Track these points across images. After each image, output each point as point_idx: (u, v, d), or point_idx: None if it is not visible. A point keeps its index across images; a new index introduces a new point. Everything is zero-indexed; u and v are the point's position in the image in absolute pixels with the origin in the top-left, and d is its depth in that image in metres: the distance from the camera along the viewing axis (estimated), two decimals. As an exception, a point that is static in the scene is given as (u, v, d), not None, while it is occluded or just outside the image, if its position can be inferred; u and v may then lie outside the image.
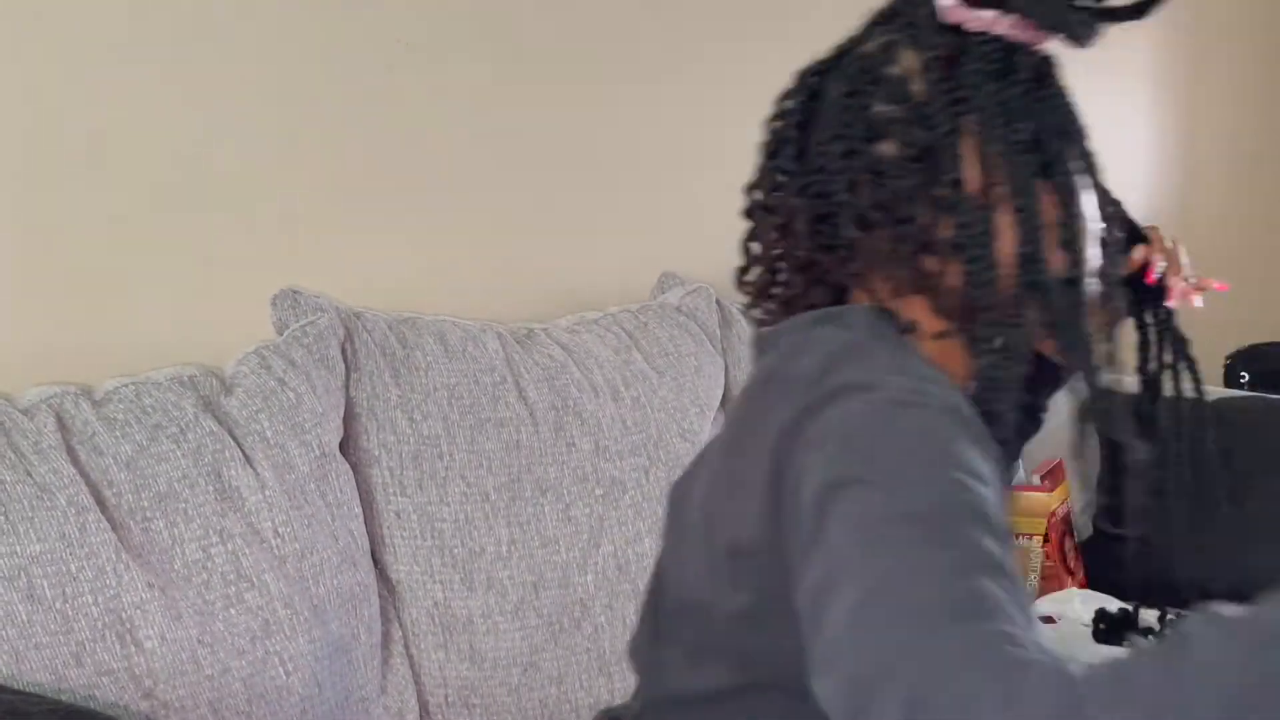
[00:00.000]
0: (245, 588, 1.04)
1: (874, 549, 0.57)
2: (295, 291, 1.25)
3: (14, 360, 1.16)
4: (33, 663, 0.93)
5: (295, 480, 1.11)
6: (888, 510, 0.58)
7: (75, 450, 1.02)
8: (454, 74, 1.45)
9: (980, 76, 0.71)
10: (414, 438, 1.22)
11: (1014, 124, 0.72)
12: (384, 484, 1.20)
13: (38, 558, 0.95)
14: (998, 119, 0.71)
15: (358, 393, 1.22)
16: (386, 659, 1.16)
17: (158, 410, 1.08)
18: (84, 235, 1.21)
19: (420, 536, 1.20)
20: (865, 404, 0.64)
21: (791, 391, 0.68)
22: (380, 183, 1.41)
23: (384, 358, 1.24)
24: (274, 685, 1.04)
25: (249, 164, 1.31)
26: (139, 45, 1.23)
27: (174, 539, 1.03)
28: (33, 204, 1.18)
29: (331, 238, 1.38)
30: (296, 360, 1.16)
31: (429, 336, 1.27)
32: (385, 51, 1.41)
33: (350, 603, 1.12)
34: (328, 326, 1.21)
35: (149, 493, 1.03)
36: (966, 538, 0.57)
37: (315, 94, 1.35)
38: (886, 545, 0.57)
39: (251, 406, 1.12)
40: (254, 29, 1.30)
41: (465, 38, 1.45)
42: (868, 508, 0.59)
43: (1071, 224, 0.73)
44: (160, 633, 0.98)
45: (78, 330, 1.21)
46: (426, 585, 1.20)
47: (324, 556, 1.11)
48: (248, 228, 1.32)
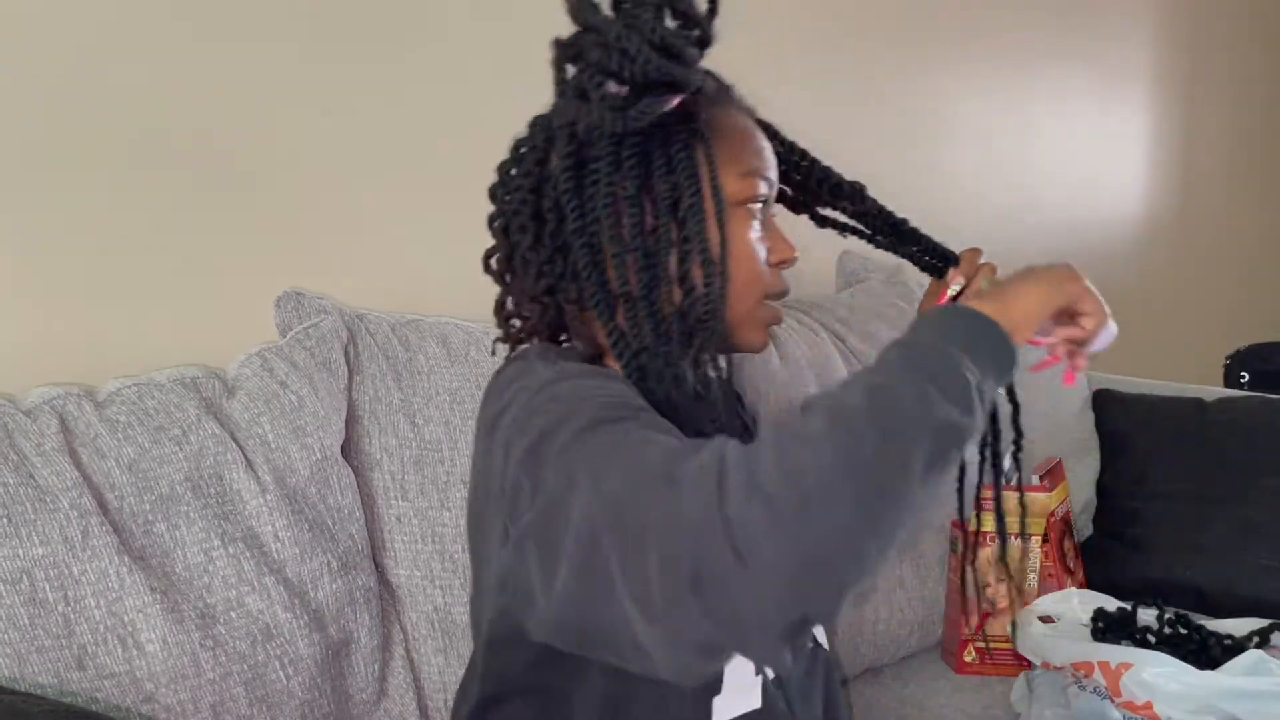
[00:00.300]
0: (246, 591, 1.05)
1: (570, 470, 0.67)
2: (299, 293, 1.25)
3: (17, 361, 1.16)
4: (35, 666, 0.93)
5: (296, 484, 1.11)
6: (568, 441, 0.69)
7: (78, 453, 1.02)
8: (460, 74, 1.46)
9: (601, 164, 0.80)
10: (416, 442, 1.22)
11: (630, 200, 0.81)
12: (385, 488, 1.20)
13: (40, 561, 0.95)
14: (611, 202, 0.80)
15: (360, 396, 1.22)
16: (387, 663, 1.17)
17: (160, 412, 1.08)
18: (85, 236, 1.21)
19: (421, 541, 1.20)
20: (524, 398, 0.76)
21: (482, 430, 0.81)
22: (384, 184, 1.42)
23: (386, 361, 1.24)
24: (275, 689, 1.04)
25: (252, 164, 1.32)
26: (140, 45, 1.23)
27: (176, 542, 1.03)
28: (34, 204, 1.18)
29: (335, 239, 1.38)
30: (299, 363, 1.16)
31: (432, 340, 1.27)
32: (386, 50, 1.41)
33: (351, 606, 1.12)
34: (331, 329, 1.21)
35: (151, 496, 1.03)
36: (623, 419, 0.70)
37: (319, 94, 1.36)
38: (575, 459, 0.67)
39: (253, 409, 1.12)
40: (258, 29, 1.31)
41: (477, 35, 1.46)
42: (555, 451, 0.69)
43: (686, 263, 0.81)
44: (162, 636, 0.99)
45: (80, 331, 1.21)
46: (427, 590, 1.20)
47: (325, 560, 1.11)
48: (251, 229, 1.32)
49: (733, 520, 0.59)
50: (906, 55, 2.12)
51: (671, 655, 0.63)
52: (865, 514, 0.59)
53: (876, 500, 0.60)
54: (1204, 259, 2.96)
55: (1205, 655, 1.28)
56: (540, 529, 0.69)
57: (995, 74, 2.32)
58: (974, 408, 0.67)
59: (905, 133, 2.14)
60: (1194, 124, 2.86)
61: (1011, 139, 2.36)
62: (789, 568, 0.58)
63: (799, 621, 0.60)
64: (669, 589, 0.60)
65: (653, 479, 0.63)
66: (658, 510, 0.62)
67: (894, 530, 0.61)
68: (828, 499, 0.59)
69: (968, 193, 2.21)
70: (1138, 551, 1.77)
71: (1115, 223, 2.68)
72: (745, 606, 0.59)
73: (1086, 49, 2.50)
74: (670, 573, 0.60)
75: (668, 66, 0.77)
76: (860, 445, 0.61)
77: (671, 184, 0.81)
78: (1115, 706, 1.18)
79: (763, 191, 0.86)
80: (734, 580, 0.58)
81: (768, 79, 0.99)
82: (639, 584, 0.61)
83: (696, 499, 0.60)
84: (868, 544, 0.60)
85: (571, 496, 0.66)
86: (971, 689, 1.49)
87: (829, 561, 0.59)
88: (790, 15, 1.90)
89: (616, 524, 0.63)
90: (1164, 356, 2.71)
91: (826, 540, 0.59)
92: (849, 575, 0.60)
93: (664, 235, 0.81)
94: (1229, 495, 1.76)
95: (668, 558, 0.60)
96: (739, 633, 0.60)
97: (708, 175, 0.82)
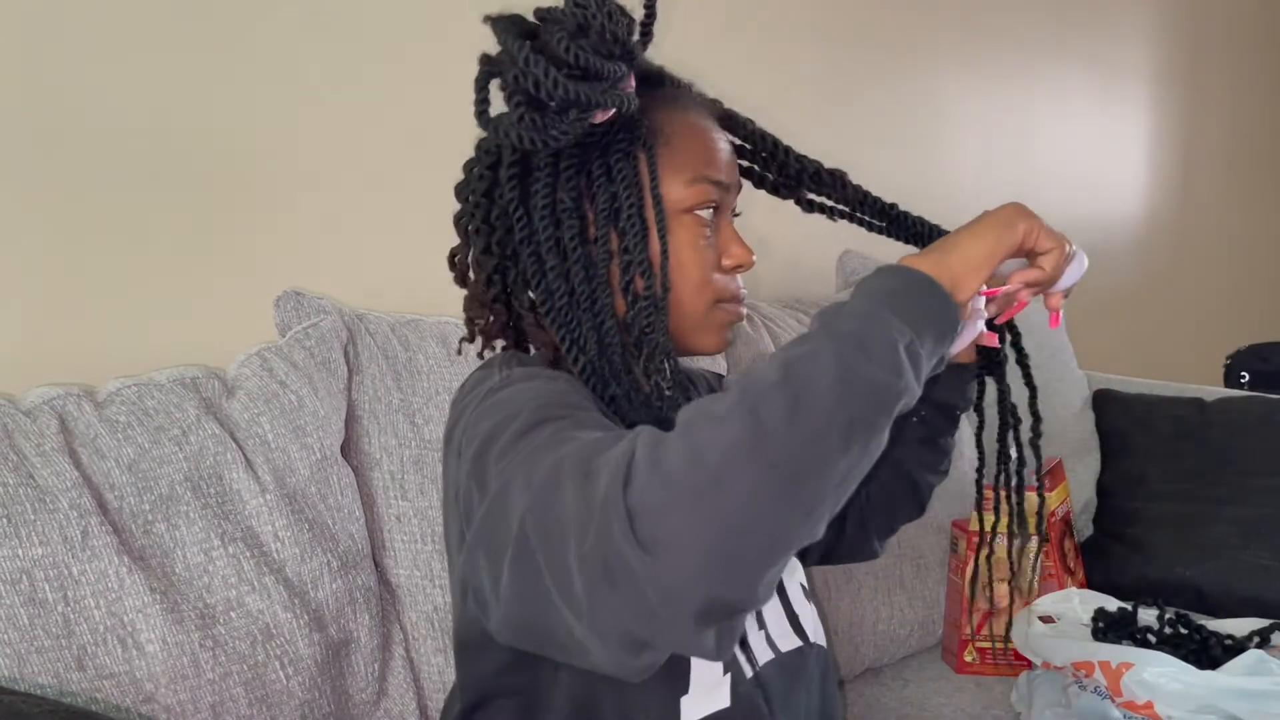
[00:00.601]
0: (246, 591, 1.05)
1: (507, 472, 0.68)
2: (298, 293, 1.25)
3: (17, 361, 1.16)
4: (35, 666, 0.93)
5: (296, 483, 1.11)
6: (506, 445, 0.69)
7: (77, 453, 1.02)
8: (460, 74, 1.45)
9: (542, 173, 0.82)
10: (416, 441, 1.22)
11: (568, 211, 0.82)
12: (385, 487, 1.20)
13: (40, 561, 0.95)
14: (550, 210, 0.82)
15: (360, 396, 1.22)
16: (387, 662, 1.17)
17: (160, 412, 1.08)
18: (86, 236, 1.21)
19: (421, 540, 1.20)
20: (473, 406, 0.77)
21: (445, 441, 0.83)
22: (384, 184, 1.42)
23: (386, 361, 1.24)
24: (275, 689, 1.04)
25: (252, 164, 1.32)
26: (139, 45, 1.23)
27: (175, 542, 1.03)
28: (34, 205, 1.18)
29: (335, 239, 1.38)
30: (298, 362, 1.16)
31: (432, 340, 1.27)
32: (386, 50, 1.41)
33: (351, 606, 1.12)
34: (330, 329, 1.21)
35: (151, 496, 1.03)
36: (559, 418, 0.70)
37: (319, 93, 1.36)
38: (513, 461, 0.68)
39: (253, 409, 1.12)
40: (258, 28, 1.31)
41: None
42: (495, 455, 0.70)
43: (628, 273, 0.82)
44: (161, 636, 0.99)
45: (80, 331, 1.21)
46: (427, 589, 1.20)
47: (325, 560, 1.11)
48: (251, 229, 1.32)
49: (634, 507, 0.58)
50: (907, 55, 2.13)
51: (604, 649, 0.62)
52: (775, 488, 0.58)
53: (788, 473, 0.58)
54: (1204, 259, 2.96)
55: (1206, 655, 1.29)
56: (486, 533, 0.69)
57: (995, 74, 2.32)
58: (902, 369, 0.65)
59: (905, 133, 2.14)
60: (1194, 124, 2.86)
61: (1011, 139, 2.36)
62: (693, 551, 0.57)
63: (714, 606, 0.58)
64: (587, 582, 0.59)
65: (571, 474, 0.63)
66: (572, 504, 0.61)
67: (817, 502, 0.60)
68: (731, 476, 0.57)
69: (968, 193, 2.21)
70: (1138, 551, 1.77)
71: (1115, 223, 2.68)
72: (654, 594, 0.57)
73: (1087, 49, 2.50)
74: (586, 566, 0.59)
75: (580, 90, 0.75)
76: (768, 417, 0.59)
77: (611, 194, 0.82)
78: (1116, 706, 1.18)
79: (712, 197, 0.85)
80: (640, 568, 0.57)
81: (768, 79, 0.99)
82: (563, 580, 0.61)
83: (603, 489, 0.59)
84: (783, 519, 0.58)
85: (509, 498, 0.66)
86: (971, 689, 1.49)
87: (737, 541, 0.57)
88: (790, 15, 1.90)
89: (540, 521, 0.63)
90: (1164, 356, 2.71)
91: (732, 519, 0.57)
92: (763, 554, 0.59)
93: (604, 245, 0.82)
94: (1229, 495, 1.77)
95: (582, 552, 0.59)
96: (653, 622, 0.58)
97: (648, 183, 0.82)
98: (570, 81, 0.75)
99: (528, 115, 0.76)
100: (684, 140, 0.85)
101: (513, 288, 0.85)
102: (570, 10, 0.77)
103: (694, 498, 0.57)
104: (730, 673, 0.84)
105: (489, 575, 0.70)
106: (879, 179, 1.02)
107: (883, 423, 0.64)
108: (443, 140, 1.44)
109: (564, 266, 0.81)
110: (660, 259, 0.81)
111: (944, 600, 1.59)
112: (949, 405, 1.01)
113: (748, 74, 0.93)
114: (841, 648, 1.49)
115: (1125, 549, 1.79)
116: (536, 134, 0.76)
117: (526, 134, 0.76)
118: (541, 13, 0.80)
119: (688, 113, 0.88)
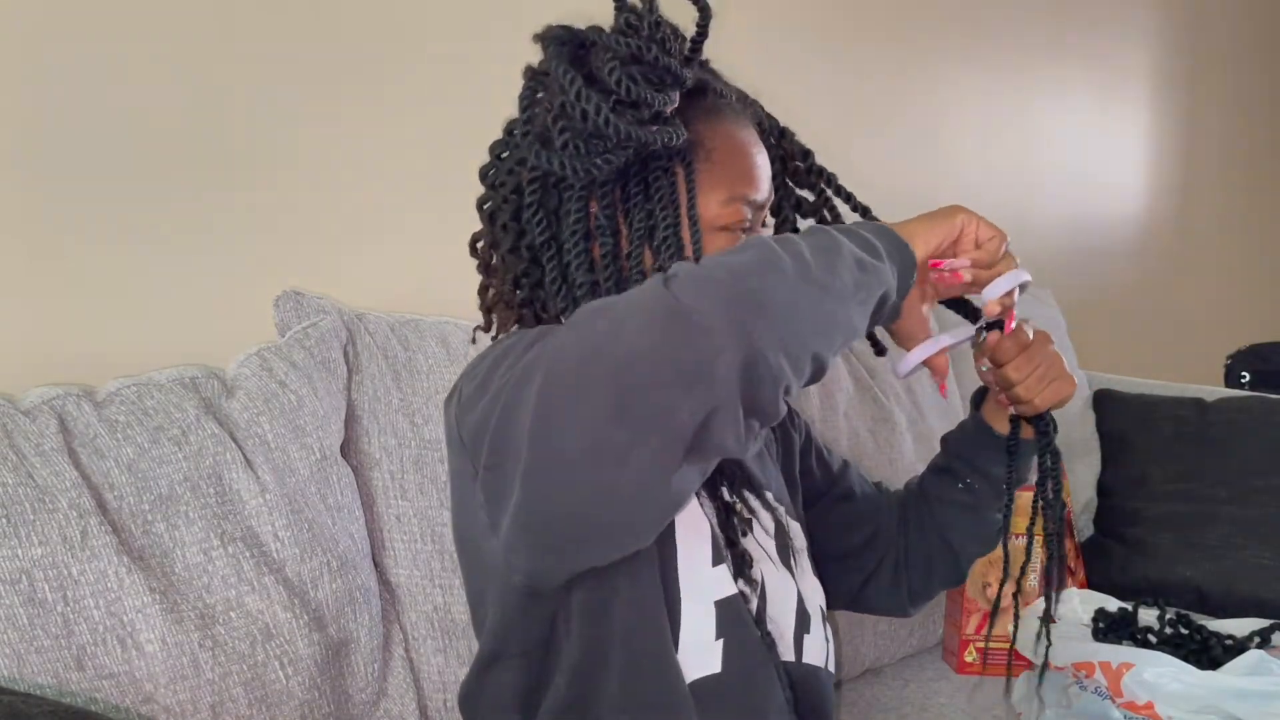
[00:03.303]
0: (246, 591, 1.04)
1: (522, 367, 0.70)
2: (298, 293, 1.25)
3: (16, 361, 1.16)
4: (34, 666, 0.93)
5: (296, 483, 1.11)
6: (513, 360, 0.72)
7: (77, 453, 1.02)
8: (460, 74, 1.46)
9: (573, 190, 0.82)
10: (415, 441, 1.22)
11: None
12: (385, 487, 1.20)
13: (39, 561, 0.95)
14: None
15: (359, 395, 1.22)
16: (387, 662, 1.16)
17: (159, 412, 1.08)
18: (86, 235, 1.21)
19: (421, 540, 1.20)
20: (481, 357, 0.79)
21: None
22: (385, 184, 1.42)
23: (386, 360, 1.24)
24: (274, 689, 1.04)
25: (252, 164, 1.32)
26: (140, 45, 1.23)
27: (175, 542, 1.03)
28: (33, 204, 1.18)
29: (335, 239, 1.38)
30: (298, 362, 1.16)
31: (432, 340, 1.27)
32: (387, 48, 1.41)
33: (351, 606, 1.12)
34: (330, 329, 1.21)
35: (150, 496, 1.03)
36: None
37: (319, 93, 1.36)
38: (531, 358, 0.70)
39: (253, 409, 1.12)
40: (257, 28, 1.30)
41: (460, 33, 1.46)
42: (506, 365, 0.73)
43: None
44: (161, 636, 0.98)
45: (80, 331, 1.21)
46: (427, 589, 1.20)
47: (324, 560, 1.11)
48: (251, 229, 1.32)
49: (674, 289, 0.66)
50: (907, 55, 2.12)
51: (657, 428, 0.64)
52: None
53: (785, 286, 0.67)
54: (1204, 259, 2.96)
55: (1206, 655, 1.28)
56: (503, 417, 0.71)
57: (995, 74, 2.32)
58: (836, 247, 0.71)
59: (905, 133, 2.14)
60: (1194, 124, 2.86)
61: (1011, 139, 2.36)
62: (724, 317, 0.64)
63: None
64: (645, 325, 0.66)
65: (598, 310, 0.68)
66: (624, 305, 0.67)
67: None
68: (758, 281, 0.66)
69: (968, 193, 2.21)
70: (1138, 552, 1.77)
71: (1115, 223, 2.68)
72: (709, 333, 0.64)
73: (1087, 49, 2.50)
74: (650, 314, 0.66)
75: (631, 131, 0.76)
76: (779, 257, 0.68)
77: (647, 211, 0.81)
78: (1116, 706, 1.18)
79: (746, 217, 0.85)
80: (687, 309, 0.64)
81: (768, 78, 0.99)
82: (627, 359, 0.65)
83: (648, 287, 0.67)
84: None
85: (531, 365, 0.69)
86: (971, 689, 1.49)
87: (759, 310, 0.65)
88: (791, 14, 1.90)
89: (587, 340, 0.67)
90: (1164, 356, 2.71)
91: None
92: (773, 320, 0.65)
93: (636, 262, 0.82)
94: (1229, 495, 1.77)
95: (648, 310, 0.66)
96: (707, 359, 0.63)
97: (684, 201, 0.82)
98: (620, 120, 0.75)
99: (572, 143, 0.76)
100: (723, 155, 0.85)
101: (532, 292, 0.85)
102: (623, 40, 0.76)
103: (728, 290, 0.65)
104: (722, 639, 0.84)
105: (506, 463, 0.69)
106: (879, 178, 1.02)
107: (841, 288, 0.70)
108: (443, 140, 1.44)
109: (592, 279, 0.81)
110: None
111: (944, 600, 1.59)
112: (997, 478, 1.02)
113: (746, 71, 0.93)
114: (841, 648, 1.49)
115: (1125, 549, 1.79)
116: (580, 164, 0.77)
117: (570, 163, 0.77)
118: (593, 34, 0.79)
119: (729, 125, 0.87)
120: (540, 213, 0.82)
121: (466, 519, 0.84)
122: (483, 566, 0.84)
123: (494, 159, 0.88)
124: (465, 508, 0.83)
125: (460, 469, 0.80)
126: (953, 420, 1.83)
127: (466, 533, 0.86)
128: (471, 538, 0.84)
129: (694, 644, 0.82)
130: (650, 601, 0.81)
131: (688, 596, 0.82)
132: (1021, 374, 0.90)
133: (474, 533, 0.82)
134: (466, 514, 0.83)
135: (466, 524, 0.85)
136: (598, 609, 0.80)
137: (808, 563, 0.98)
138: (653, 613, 0.81)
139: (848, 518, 1.10)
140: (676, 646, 0.82)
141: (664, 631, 0.81)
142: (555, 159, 0.77)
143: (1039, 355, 0.90)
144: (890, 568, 1.09)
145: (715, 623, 0.83)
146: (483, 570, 0.85)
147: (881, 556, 1.09)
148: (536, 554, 0.73)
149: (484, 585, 0.85)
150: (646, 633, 0.81)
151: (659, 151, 0.81)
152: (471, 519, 0.81)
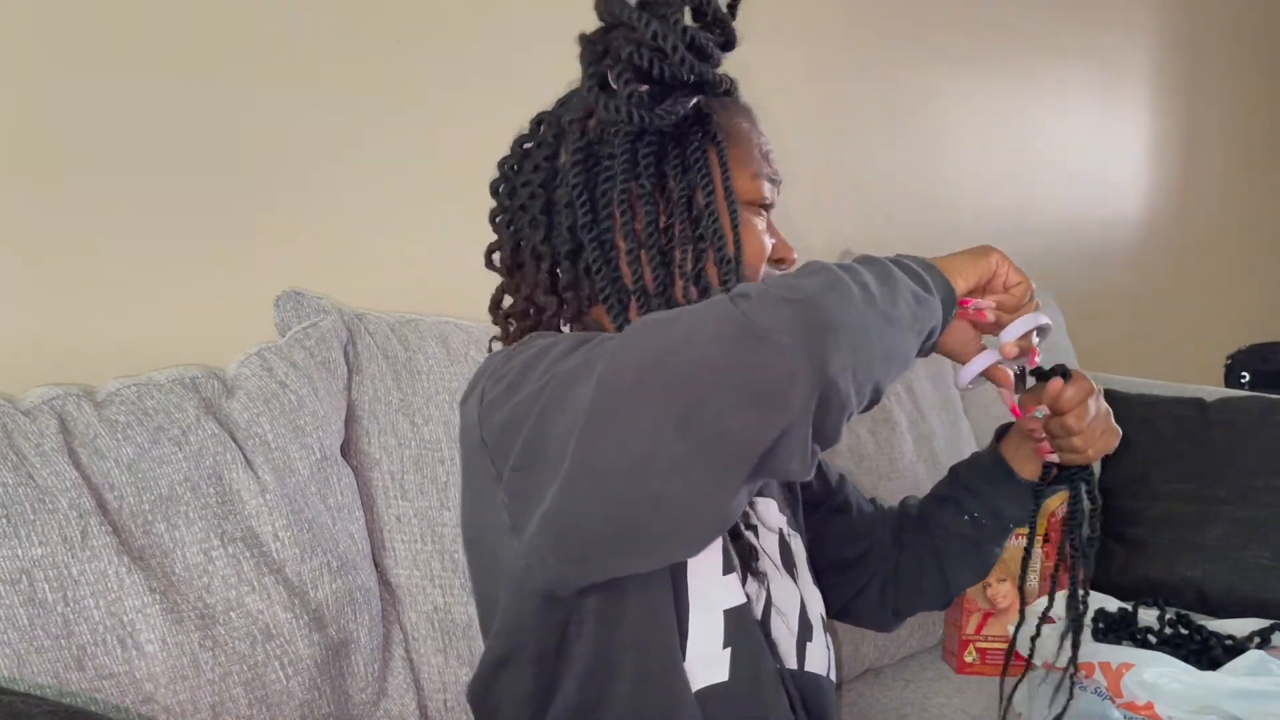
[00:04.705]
0: (246, 591, 1.04)
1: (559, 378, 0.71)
2: (298, 293, 1.25)
3: (16, 361, 1.16)
4: (34, 666, 0.93)
5: (296, 483, 1.11)
6: (547, 369, 0.72)
7: (77, 453, 1.02)
8: (461, 74, 1.46)
9: (615, 161, 0.84)
10: (415, 441, 1.22)
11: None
12: (385, 488, 1.20)
13: (39, 561, 0.95)
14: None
15: (359, 395, 1.22)
16: (387, 662, 1.16)
17: (159, 412, 1.08)
18: (85, 236, 1.21)
19: (421, 540, 1.20)
20: (502, 361, 0.79)
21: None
22: (384, 184, 1.41)
23: (386, 361, 1.24)
24: (274, 689, 1.04)
25: (252, 164, 1.32)
26: (140, 45, 1.23)
27: (175, 542, 1.03)
28: (33, 204, 1.18)
29: (335, 239, 1.38)
30: (298, 362, 1.16)
31: (431, 339, 1.27)
32: (387, 49, 1.41)
33: (351, 606, 1.12)
34: (330, 329, 1.21)
35: (150, 496, 1.03)
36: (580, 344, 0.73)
37: (319, 93, 1.35)
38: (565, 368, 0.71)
39: (253, 409, 1.12)
40: (257, 28, 1.30)
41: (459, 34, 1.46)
42: (540, 369, 0.73)
43: (700, 261, 0.85)
44: (161, 636, 0.98)
45: (80, 331, 1.21)
46: (427, 589, 1.20)
47: (324, 560, 1.11)
48: (251, 229, 1.32)
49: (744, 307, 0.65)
50: (907, 55, 2.12)
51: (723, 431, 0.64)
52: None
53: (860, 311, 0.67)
54: (1204, 259, 2.96)
55: (1206, 655, 1.29)
56: (538, 424, 0.71)
57: (996, 73, 2.32)
58: (893, 278, 0.73)
59: (905, 133, 2.14)
60: (1194, 124, 2.86)
61: (1011, 139, 2.36)
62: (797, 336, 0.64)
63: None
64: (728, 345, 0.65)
65: (659, 322, 0.68)
66: (686, 320, 0.67)
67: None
68: (824, 301, 0.66)
69: (968, 193, 2.21)
70: (1138, 552, 1.77)
71: (1115, 223, 2.68)
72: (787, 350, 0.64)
73: (1087, 49, 2.50)
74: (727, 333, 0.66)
75: (700, 67, 0.80)
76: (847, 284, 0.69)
77: (687, 183, 0.84)
78: (1116, 707, 1.18)
79: (767, 194, 0.89)
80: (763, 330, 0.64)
81: (768, 78, 0.99)
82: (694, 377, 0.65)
83: (717, 301, 0.68)
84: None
85: (574, 377, 0.69)
86: (971, 689, 1.49)
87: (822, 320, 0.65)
88: (791, 14, 1.90)
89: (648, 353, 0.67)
90: (1164, 356, 2.71)
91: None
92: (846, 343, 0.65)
93: (679, 234, 0.84)
94: (1229, 495, 1.76)
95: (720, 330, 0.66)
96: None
97: (720, 176, 0.85)
98: (694, 59, 0.79)
99: (638, 92, 0.80)
100: (745, 138, 0.89)
101: (568, 277, 0.87)
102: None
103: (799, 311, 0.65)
104: (730, 647, 0.84)
105: (540, 465, 0.70)
106: (879, 178, 1.02)
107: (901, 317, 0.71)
108: (443, 140, 1.44)
109: (636, 254, 0.84)
110: (735, 249, 0.84)
111: (944, 600, 1.59)
112: (1007, 517, 1.05)
113: (746, 71, 0.93)
114: (842, 648, 1.49)
115: (1126, 549, 1.79)
116: (646, 111, 0.80)
117: (638, 111, 0.79)
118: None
119: (741, 113, 0.91)
120: (584, 195, 0.84)
121: (480, 520, 0.84)
122: (496, 568, 0.84)
123: (518, 152, 0.91)
124: (480, 508, 0.83)
125: (478, 469, 0.80)
126: (953, 420, 1.83)
127: (479, 534, 0.86)
128: (484, 539, 0.84)
129: (702, 652, 0.82)
130: (661, 608, 0.81)
131: (696, 604, 0.83)
132: (1082, 423, 0.91)
133: (488, 534, 0.82)
134: (481, 515, 0.83)
135: (480, 525, 0.85)
136: (612, 614, 0.80)
137: (809, 573, 0.98)
138: (663, 620, 0.81)
139: (843, 531, 1.11)
140: (684, 654, 0.82)
141: (673, 639, 0.81)
142: (624, 107, 0.80)
143: (1094, 405, 0.92)
144: (879, 584, 1.11)
145: (723, 631, 0.83)
146: (496, 572, 0.84)
147: (872, 573, 1.11)
148: (564, 559, 0.73)
149: (496, 587, 0.85)
150: (657, 640, 0.81)
151: (691, 131, 0.85)
152: (486, 520, 0.81)
